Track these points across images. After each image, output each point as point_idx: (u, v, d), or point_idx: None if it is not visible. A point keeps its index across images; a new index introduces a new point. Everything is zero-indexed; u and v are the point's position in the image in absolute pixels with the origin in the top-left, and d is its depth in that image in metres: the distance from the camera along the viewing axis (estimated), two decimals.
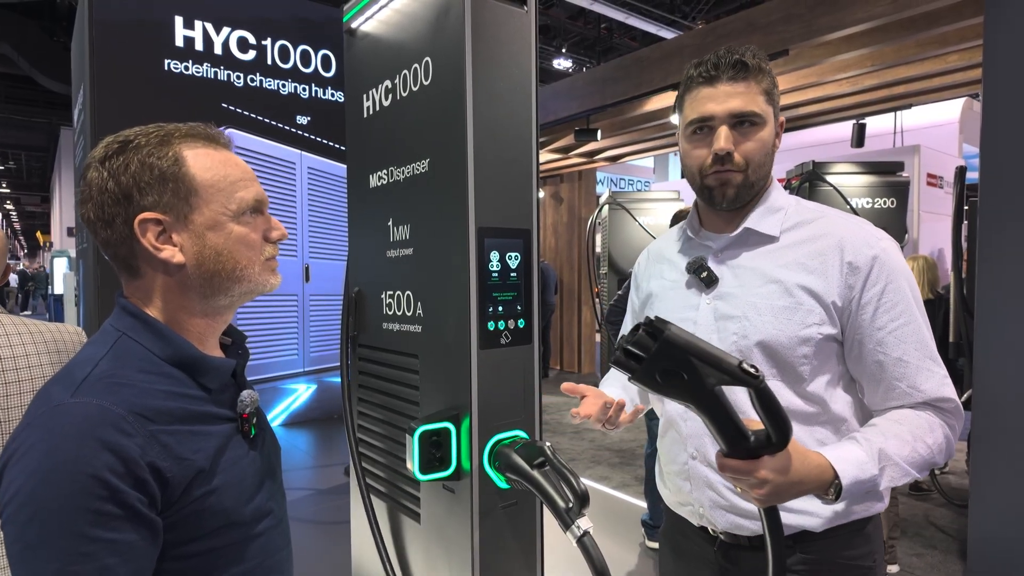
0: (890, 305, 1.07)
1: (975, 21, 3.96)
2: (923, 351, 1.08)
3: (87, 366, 0.76)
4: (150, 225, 0.80)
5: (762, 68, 1.14)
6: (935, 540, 3.57)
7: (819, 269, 1.09)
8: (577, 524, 1.32)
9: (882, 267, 1.08)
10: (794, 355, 1.09)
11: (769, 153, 1.16)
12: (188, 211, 0.82)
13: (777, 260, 1.13)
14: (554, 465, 1.43)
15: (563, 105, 7.02)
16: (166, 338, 0.81)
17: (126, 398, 0.74)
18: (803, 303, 1.09)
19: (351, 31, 2.09)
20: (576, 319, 9.21)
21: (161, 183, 0.80)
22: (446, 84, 1.64)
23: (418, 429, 1.61)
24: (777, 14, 4.72)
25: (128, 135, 0.83)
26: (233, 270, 0.85)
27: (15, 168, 21.66)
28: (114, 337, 0.80)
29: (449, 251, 1.66)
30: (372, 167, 2.02)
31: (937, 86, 5.57)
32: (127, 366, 0.77)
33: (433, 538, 1.77)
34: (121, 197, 0.79)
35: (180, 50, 5.13)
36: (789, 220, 1.16)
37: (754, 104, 1.11)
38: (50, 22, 11.06)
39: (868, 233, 1.11)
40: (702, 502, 1.21)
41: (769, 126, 1.14)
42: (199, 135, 0.86)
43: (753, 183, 1.15)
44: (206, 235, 0.83)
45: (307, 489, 4.43)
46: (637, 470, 4.67)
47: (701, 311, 1.19)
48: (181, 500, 0.75)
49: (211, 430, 0.81)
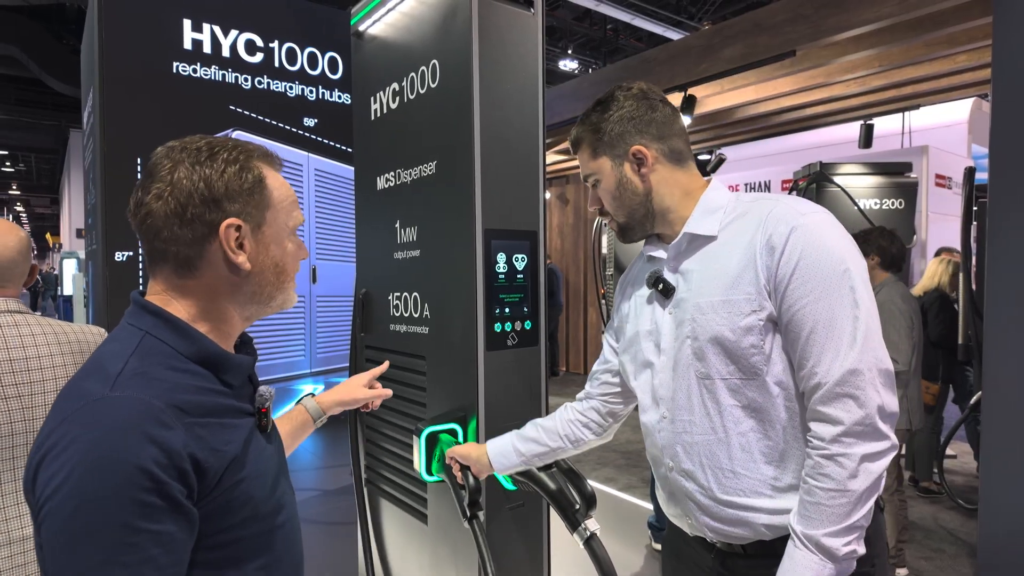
0: (802, 280, 1.03)
1: (983, 21, 3.93)
2: (831, 331, 1.01)
3: (118, 361, 0.78)
4: (233, 230, 0.85)
5: (581, 137, 1.26)
6: (944, 543, 3.55)
7: (747, 256, 1.10)
8: (584, 526, 1.32)
9: (797, 241, 1.04)
10: (742, 347, 1.08)
11: (619, 196, 1.23)
12: (262, 222, 0.89)
13: (716, 258, 1.15)
14: (561, 467, 1.43)
15: (569, 107, 7.02)
16: (190, 336, 0.84)
17: (162, 392, 0.76)
18: (740, 293, 1.09)
19: (359, 34, 2.09)
20: (582, 320, 9.21)
21: (249, 194, 0.87)
22: (453, 86, 1.64)
23: (425, 430, 1.61)
24: (783, 15, 4.70)
25: (213, 144, 0.88)
26: (282, 282, 0.93)
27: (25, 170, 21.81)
28: (138, 335, 0.82)
29: (456, 253, 1.66)
30: (379, 169, 2.03)
31: (945, 86, 5.54)
32: (155, 363, 0.79)
33: (440, 539, 1.77)
34: (211, 200, 0.84)
35: (188, 52, 5.16)
36: (728, 217, 1.17)
37: (585, 168, 1.27)
38: (59, 25, 11.13)
39: (791, 209, 1.09)
40: (687, 512, 1.21)
41: (604, 176, 1.24)
42: (266, 156, 0.93)
43: (626, 222, 1.26)
44: (270, 247, 0.90)
45: (315, 490, 4.45)
46: (643, 472, 4.66)
47: (663, 321, 1.22)
48: (215, 490, 0.77)
49: (237, 423, 0.84)
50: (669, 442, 1.20)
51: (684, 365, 1.17)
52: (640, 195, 1.22)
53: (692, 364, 1.15)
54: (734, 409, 1.11)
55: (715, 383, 1.12)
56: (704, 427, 1.14)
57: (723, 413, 1.12)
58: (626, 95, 1.24)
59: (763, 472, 1.10)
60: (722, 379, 1.12)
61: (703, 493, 1.15)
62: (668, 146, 1.22)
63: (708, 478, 1.14)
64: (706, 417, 1.14)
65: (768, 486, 1.10)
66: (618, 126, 1.22)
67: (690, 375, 1.16)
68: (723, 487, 1.13)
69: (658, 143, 1.22)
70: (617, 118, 1.22)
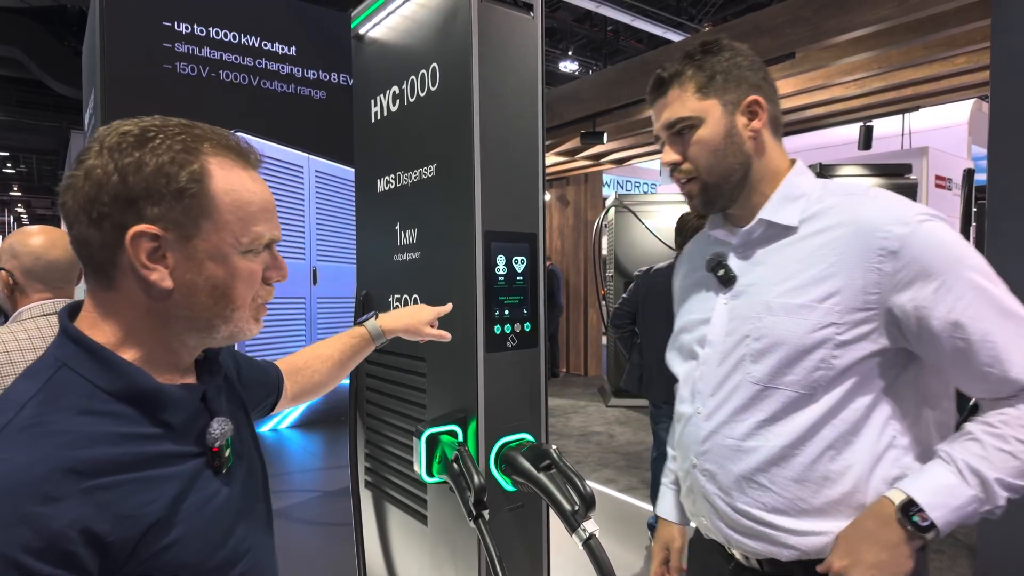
0: (947, 288, 0.91)
1: (982, 24, 3.94)
2: (1009, 318, 0.91)
3: (10, 410, 0.63)
4: (145, 240, 0.67)
5: (680, 72, 1.08)
6: (944, 543, 3.55)
7: (842, 260, 0.96)
8: (583, 527, 1.32)
9: (922, 247, 0.92)
10: (810, 360, 0.97)
11: (721, 150, 1.06)
12: (193, 233, 0.70)
13: (794, 254, 1.02)
14: (560, 468, 1.43)
15: (569, 108, 7.03)
16: (114, 369, 0.68)
17: (53, 451, 0.60)
18: (821, 300, 0.97)
19: (359, 36, 2.10)
20: (582, 321, 9.22)
21: (175, 197, 0.68)
22: (453, 89, 1.65)
23: (425, 432, 1.62)
24: (783, 17, 4.71)
25: (148, 127, 0.70)
26: (224, 309, 0.73)
27: (26, 171, 21.85)
28: (52, 369, 0.67)
29: (456, 255, 1.67)
30: (380, 172, 2.03)
31: (945, 88, 5.55)
32: (61, 407, 0.64)
33: (440, 541, 1.78)
34: (123, 199, 0.67)
35: (190, 54, 5.18)
36: (811, 207, 1.03)
37: (683, 108, 1.07)
38: (61, 27, 11.17)
39: (902, 211, 0.95)
40: (703, 513, 1.14)
41: (710, 121, 1.06)
42: (230, 148, 0.74)
43: (716, 184, 1.08)
44: (205, 263, 0.71)
45: (314, 491, 4.46)
46: (644, 473, 4.66)
47: (717, 312, 1.11)
48: (129, 563, 0.63)
49: (169, 473, 0.69)
50: (699, 439, 1.11)
51: (734, 364, 1.06)
52: (743, 154, 1.06)
53: (745, 366, 1.04)
54: (779, 422, 1.01)
55: (766, 391, 1.02)
56: (740, 433, 1.05)
57: (765, 423, 1.02)
58: (736, 45, 1.08)
59: (793, 490, 1.01)
60: (775, 388, 1.01)
61: (723, 498, 1.08)
62: (774, 111, 1.08)
63: (731, 485, 1.06)
64: (745, 424, 1.04)
65: (795, 506, 1.01)
66: (736, 70, 1.05)
67: (739, 376, 1.05)
68: (745, 498, 1.05)
69: (769, 104, 1.07)
70: (734, 64, 1.06)
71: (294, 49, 5.82)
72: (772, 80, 1.10)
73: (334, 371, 1.28)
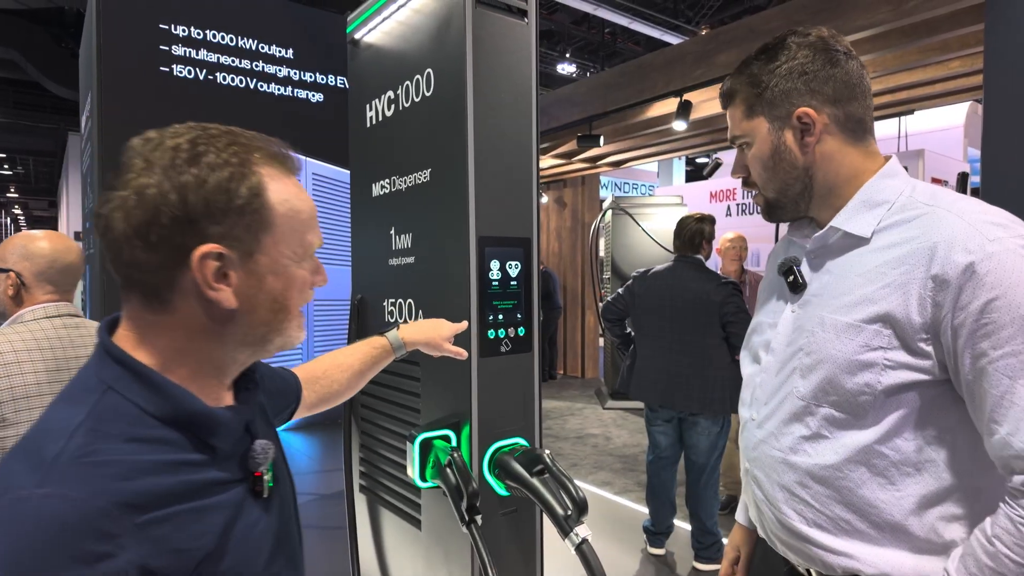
0: (994, 327, 0.82)
1: (975, 28, 3.96)
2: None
3: (59, 439, 0.59)
4: (211, 260, 0.65)
5: (735, 89, 1.06)
6: None
7: (899, 281, 0.90)
8: (576, 531, 1.33)
9: (982, 279, 0.82)
10: (853, 383, 0.92)
11: (773, 167, 1.03)
12: (255, 248, 0.68)
13: (859, 267, 0.96)
14: (553, 472, 1.44)
15: (566, 111, 7.05)
16: (162, 392, 0.65)
17: (108, 484, 0.58)
18: (872, 321, 0.91)
19: (355, 41, 2.11)
20: (579, 324, 9.22)
21: (237, 214, 0.66)
22: (448, 95, 1.66)
23: (418, 436, 1.62)
24: (778, 21, 4.73)
25: (198, 140, 0.66)
26: (281, 322, 0.72)
27: (23, 173, 21.82)
28: (98, 392, 0.64)
29: (450, 260, 1.68)
30: (375, 176, 2.04)
31: (940, 92, 5.57)
32: (111, 435, 0.61)
33: (433, 545, 1.78)
34: (184, 219, 0.63)
35: (187, 57, 5.18)
36: (890, 217, 0.96)
37: (736, 128, 1.08)
38: (58, 29, 11.17)
39: (974, 233, 0.85)
40: (756, 517, 1.13)
41: (758, 140, 1.04)
42: (275, 156, 0.71)
43: (775, 199, 1.06)
44: (266, 278, 0.69)
45: (310, 494, 4.45)
46: (640, 476, 4.66)
47: (784, 318, 1.07)
48: None
49: (217, 502, 0.66)
50: (751, 445, 1.11)
51: (787, 375, 1.04)
52: (798, 169, 1.02)
53: (795, 379, 1.01)
54: (823, 440, 0.98)
55: (810, 407, 0.99)
56: (785, 445, 1.03)
57: (809, 439, 0.99)
58: (800, 43, 1.02)
59: (836, 510, 0.98)
60: (818, 406, 0.98)
61: (768, 506, 1.07)
62: (844, 112, 1.00)
63: (776, 495, 1.05)
64: (790, 437, 1.02)
65: (834, 524, 0.98)
66: (785, 81, 1.00)
67: (789, 388, 1.03)
68: (787, 508, 1.03)
69: (831, 107, 0.99)
70: (785, 71, 1.00)
71: (291, 52, 5.83)
72: (851, 71, 1.01)
73: (353, 380, 1.28)
